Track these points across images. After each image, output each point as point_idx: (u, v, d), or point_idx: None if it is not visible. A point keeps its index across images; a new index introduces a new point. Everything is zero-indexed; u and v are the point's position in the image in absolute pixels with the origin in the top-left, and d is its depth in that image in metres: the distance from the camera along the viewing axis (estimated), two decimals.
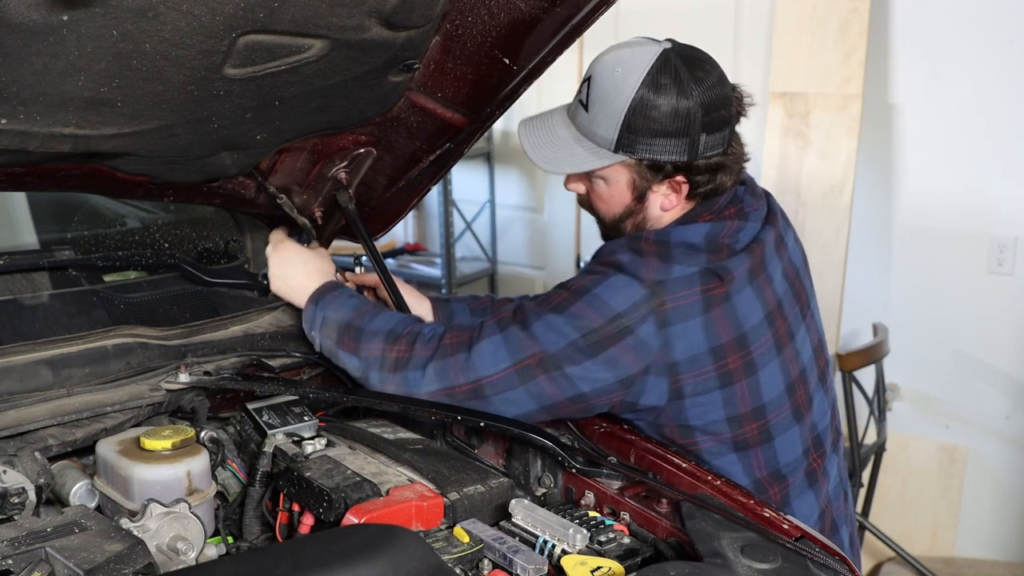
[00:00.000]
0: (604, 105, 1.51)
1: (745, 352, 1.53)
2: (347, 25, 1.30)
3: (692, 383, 1.51)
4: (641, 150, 1.52)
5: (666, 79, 1.48)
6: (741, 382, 1.53)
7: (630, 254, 1.53)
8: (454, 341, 1.53)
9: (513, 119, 4.79)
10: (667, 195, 1.59)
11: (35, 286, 1.72)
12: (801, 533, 1.29)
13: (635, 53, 1.51)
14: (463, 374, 1.51)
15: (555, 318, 1.49)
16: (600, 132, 1.53)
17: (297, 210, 1.89)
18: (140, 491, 1.33)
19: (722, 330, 1.50)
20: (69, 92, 1.21)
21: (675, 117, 1.49)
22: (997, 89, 3.20)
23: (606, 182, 1.61)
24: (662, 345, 1.48)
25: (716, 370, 1.51)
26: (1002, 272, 3.28)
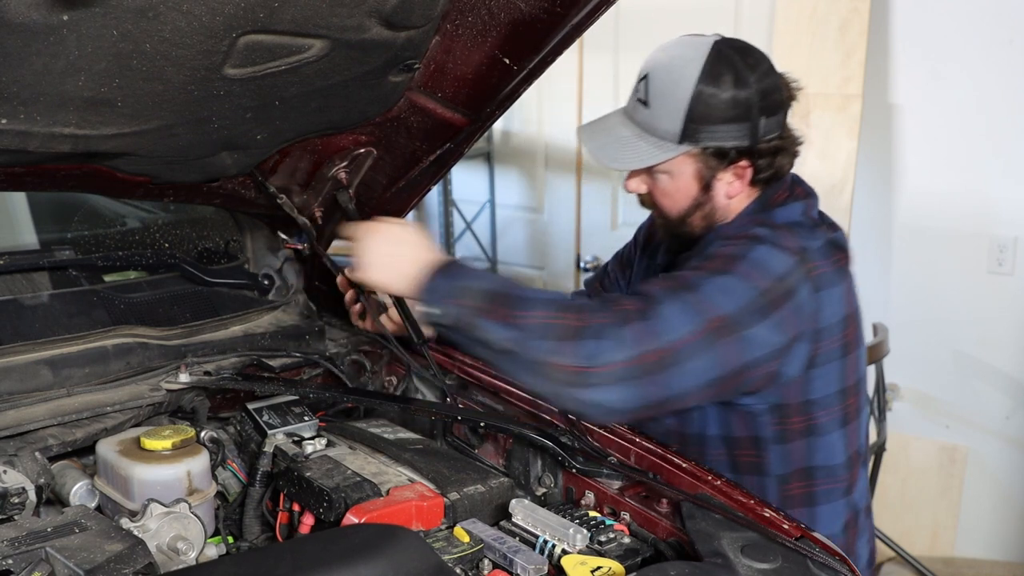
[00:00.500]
0: (665, 99, 1.57)
1: (856, 325, 1.63)
2: (347, 25, 1.30)
3: (824, 352, 1.56)
4: (705, 138, 1.57)
5: (723, 68, 1.54)
6: (852, 354, 1.61)
7: (762, 228, 1.57)
8: (634, 307, 1.42)
9: (513, 119, 4.81)
10: (731, 182, 1.64)
11: (35, 286, 1.72)
12: (801, 533, 1.29)
13: (688, 48, 1.58)
14: (652, 340, 1.38)
15: (725, 280, 1.46)
16: (663, 126, 1.58)
17: (297, 210, 1.89)
18: (140, 491, 1.33)
19: (848, 301, 1.60)
20: (69, 92, 1.21)
21: (735, 103, 1.55)
22: (997, 89, 3.20)
23: (671, 176, 1.64)
24: (814, 310, 1.52)
25: (842, 339, 1.58)
26: (1002, 272, 3.28)
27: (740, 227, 1.62)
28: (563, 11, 1.43)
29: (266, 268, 2.03)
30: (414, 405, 1.72)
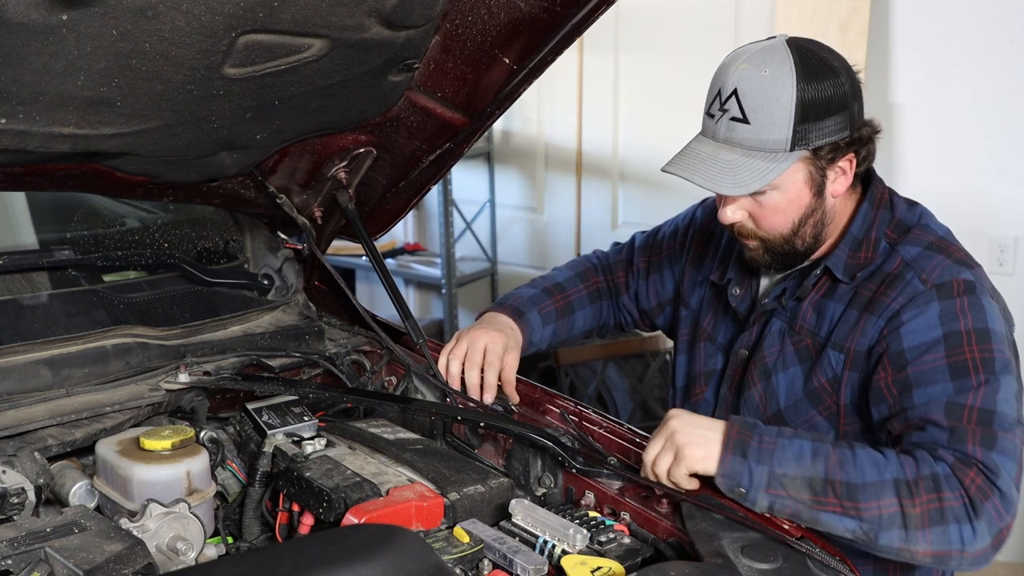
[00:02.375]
0: (768, 109, 1.49)
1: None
2: (347, 25, 1.30)
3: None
4: (815, 137, 1.51)
5: (813, 64, 1.50)
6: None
7: (966, 270, 1.54)
8: (978, 483, 1.38)
9: (513, 118, 4.81)
10: (837, 180, 1.58)
11: (35, 286, 1.72)
12: (801, 533, 1.29)
13: (767, 55, 1.51)
14: (1007, 514, 1.41)
15: (1003, 383, 1.45)
16: (772, 136, 1.50)
17: (297, 210, 1.89)
18: (140, 491, 1.33)
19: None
20: (69, 92, 1.21)
21: (835, 95, 1.51)
22: (997, 89, 3.20)
23: (781, 191, 1.56)
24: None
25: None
26: (1002, 272, 3.28)
27: (940, 263, 1.54)
28: (563, 11, 1.43)
29: (266, 268, 2.03)
30: (414, 405, 1.72)
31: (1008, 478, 1.39)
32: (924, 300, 1.50)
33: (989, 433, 1.41)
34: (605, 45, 4.08)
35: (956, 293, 1.50)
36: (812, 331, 1.63)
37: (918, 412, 1.46)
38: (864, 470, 1.38)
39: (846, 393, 1.57)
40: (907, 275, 1.54)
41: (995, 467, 1.38)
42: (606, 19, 1.53)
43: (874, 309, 1.55)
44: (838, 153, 1.55)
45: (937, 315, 1.49)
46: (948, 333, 1.47)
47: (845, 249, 1.61)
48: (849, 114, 1.52)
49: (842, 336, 1.57)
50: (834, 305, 1.61)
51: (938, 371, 1.46)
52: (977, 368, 1.44)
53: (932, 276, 1.52)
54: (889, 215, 1.63)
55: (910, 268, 1.54)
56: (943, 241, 1.60)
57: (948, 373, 1.45)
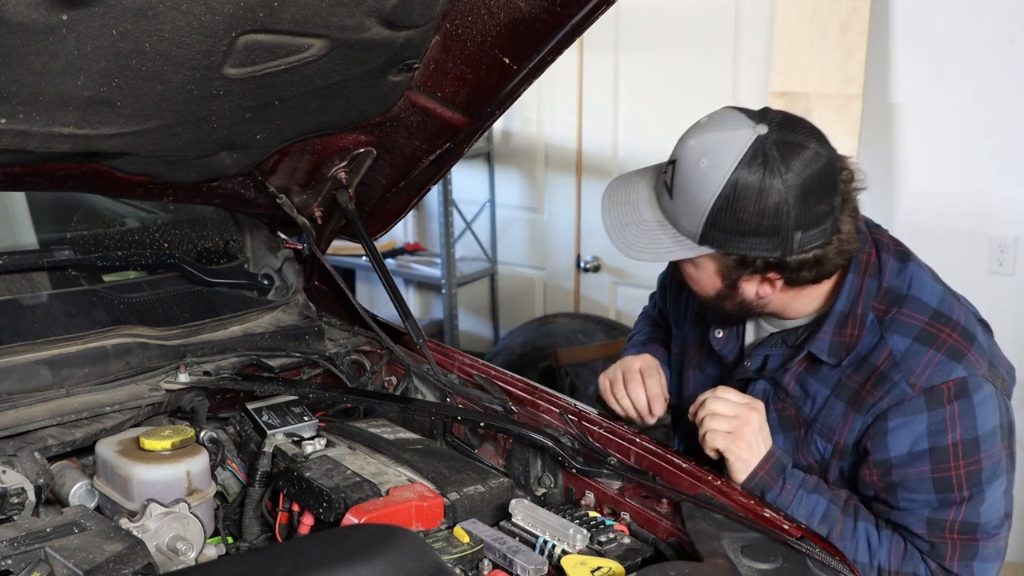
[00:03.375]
0: (688, 198, 1.41)
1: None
2: (347, 24, 1.30)
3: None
4: (727, 246, 1.42)
5: (755, 176, 1.35)
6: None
7: (959, 366, 1.44)
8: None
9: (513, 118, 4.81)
10: (760, 286, 1.49)
11: (34, 286, 1.72)
12: (801, 533, 1.29)
13: (724, 141, 1.38)
14: None
15: (988, 492, 1.45)
16: (684, 223, 1.43)
17: (297, 210, 1.89)
18: (140, 491, 1.33)
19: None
20: (68, 92, 1.21)
21: (764, 216, 1.37)
22: (997, 89, 3.20)
23: (694, 266, 1.51)
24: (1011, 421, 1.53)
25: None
26: (1002, 272, 3.28)
27: (932, 358, 1.44)
28: (563, 11, 1.43)
29: (266, 268, 2.03)
30: (414, 405, 1.72)
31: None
32: (912, 409, 1.44)
33: (970, 545, 1.44)
34: (605, 45, 4.08)
35: (946, 400, 1.42)
36: (796, 404, 1.57)
37: (901, 516, 1.48)
38: (859, 547, 1.47)
39: (833, 473, 1.56)
40: (895, 376, 1.45)
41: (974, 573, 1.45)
42: (606, 19, 1.53)
43: (860, 407, 1.49)
44: (753, 268, 1.44)
45: (925, 428, 1.43)
46: (934, 447, 1.43)
47: (830, 328, 1.50)
48: (781, 240, 1.38)
49: (829, 426, 1.53)
50: (817, 386, 1.55)
51: (923, 482, 1.44)
52: (962, 484, 1.43)
53: (921, 379, 1.43)
54: (877, 284, 1.51)
55: (898, 368, 1.45)
56: (935, 322, 1.47)
57: (932, 486, 1.44)
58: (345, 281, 1.92)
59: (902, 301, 1.49)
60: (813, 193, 1.37)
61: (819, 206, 1.39)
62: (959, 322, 1.49)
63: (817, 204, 1.38)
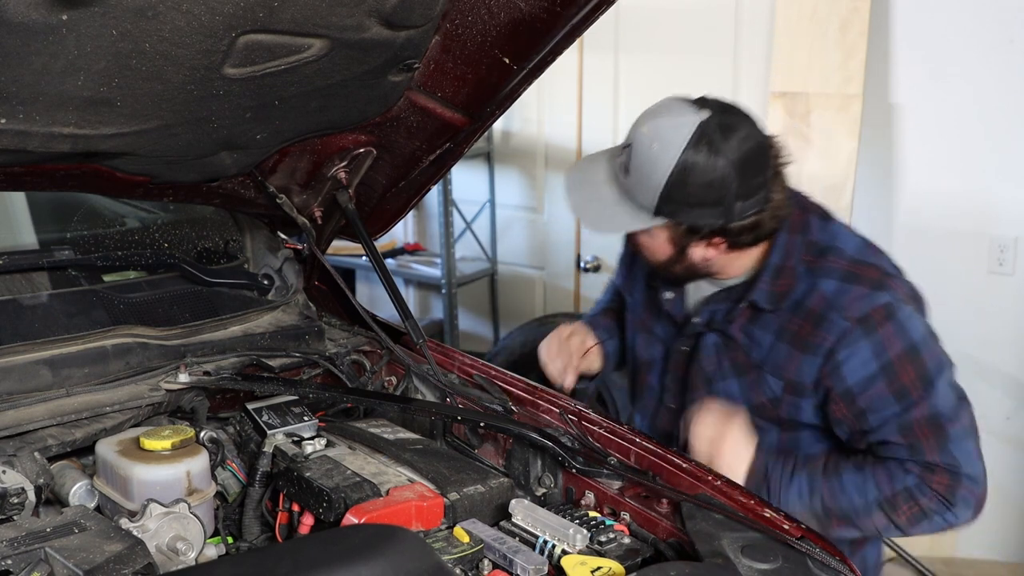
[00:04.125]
0: (642, 176, 1.60)
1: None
2: (347, 24, 1.30)
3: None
4: (679, 216, 1.62)
5: (700, 155, 1.55)
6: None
7: (882, 293, 1.64)
8: (944, 483, 1.61)
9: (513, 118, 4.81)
10: (706, 250, 1.69)
11: (35, 286, 1.72)
12: (802, 533, 1.29)
13: (672, 126, 1.58)
14: (978, 487, 1.63)
15: (939, 389, 1.63)
16: (639, 198, 1.63)
17: (297, 210, 1.89)
18: (140, 491, 1.33)
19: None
20: (68, 92, 1.21)
21: (710, 189, 1.57)
22: (997, 89, 3.20)
23: (649, 236, 1.71)
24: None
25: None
26: (1002, 272, 3.28)
27: (859, 295, 1.64)
28: (563, 11, 1.43)
29: (266, 268, 2.03)
30: (414, 405, 1.72)
31: (968, 460, 1.61)
32: (853, 339, 1.63)
33: (940, 434, 1.61)
34: (605, 45, 4.08)
35: (878, 323, 1.62)
36: (746, 350, 1.76)
37: (877, 435, 1.65)
38: (852, 497, 1.63)
39: (785, 410, 1.74)
40: (830, 315, 1.65)
41: (954, 461, 1.60)
42: (606, 19, 1.53)
43: (806, 348, 1.68)
44: (701, 235, 1.65)
45: (869, 352, 1.62)
46: (883, 365, 1.62)
47: (767, 280, 1.71)
48: (724, 208, 1.59)
49: (777, 366, 1.71)
50: (761, 333, 1.74)
51: (884, 398, 1.63)
52: (915, 384, 1.61)
53: (853, 311, 1.63)
54: (803, 239, 1.71)
55: (832, 307, 1.65)
56: (856, 264, 1.68)
57: (892, 398, 1.62)
58: (345, 281, 1.92)
59: (827, 251, 1.70)
60: (750, 167, 1.59)
61: (755, 178, 1.61)
62: (878, 264, 1.71)
63: (754, 177, 1.60)
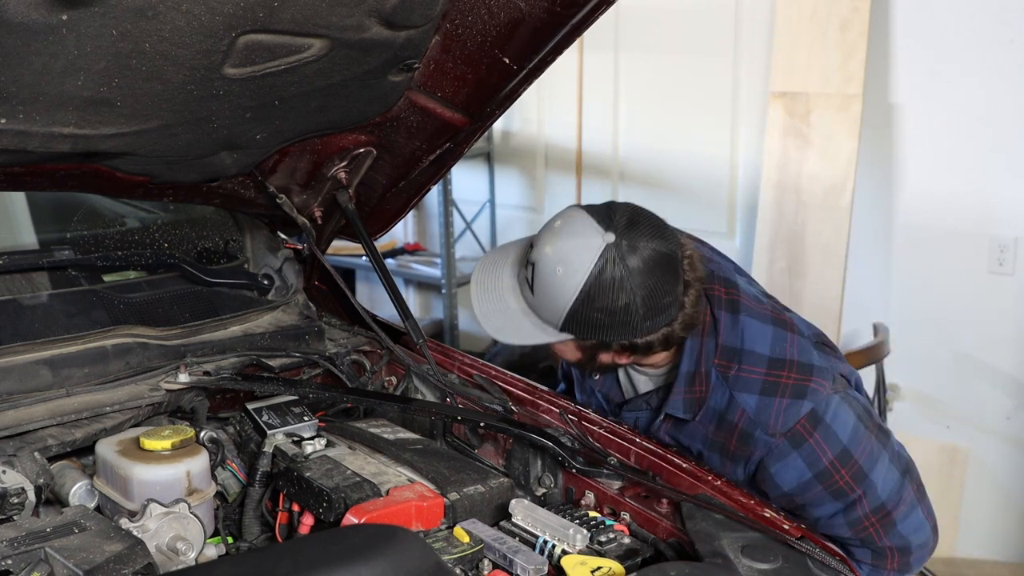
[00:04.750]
0: (547, 299, 1.56)
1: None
2: (347, 24, 1.30)
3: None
4: (585, 335, 1.58)
5: (605, 282, 1.51)
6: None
7: (804, 401, 1.59)
8: (897, 562, 1.65)
9: (513, 118, 4.81)
10: (616, 357, 1.64)
11: (35, 286, 1.72)
12: (802, 533, 1.29)
13: (576, 249, 1.52)
14: (930, 546, 1.69)
15: (873, 475, 1.61)
16: (545, 315, 1.59)
17: (297, 210, 1.89)
18: (140, 491, 1.33)
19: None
20: (68, 92, 1.21)
21: (615, 315, 1.53)
22: (998, 89, 3.20)
23: (560, 341, 1.65)
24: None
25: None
26: (1002, 272, 3.28)
27: (756, 399, 1.61)
28: (563, 11, 1.43)
29: (266, 268, 2.02)
30: (414, 405, 1.72)
31: (918, 532, 1.64)
32: (782, 452, 1.59)
33: (887, 521, 1.61)
34: (605, 45, 4.08)
35: (806, 434, 1.58)
36: (680, 451, 1.68)
37: (824, 528, 1.62)
38: None
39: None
40: (755, 432, 1.59)
41: (905, 541, 1.63)
42: (606, 19, 1.53)
43: (736, 458, 1.64)
44: (609, 349, 1.61)
45: (802, 463, 1.58)
46: (816, 473, 1.58)
47: (681, 388, 1.65)
48: (630, 329, 1.55)
49: (713, 467, 1.62)
50: (689, 439, 1.69)
51: (823, 498, 1.60)
52: (852, 485, 1.59)
53: (779, 427, 1.58)
54: (714, 342, 1.64)
55: (755, 424, 1.59)
56: (772, 368, 1.62)
57: (831, 498, 1.60)
58: (345, 281, 1.92)
59: (740, 355, 1.64)
60: (657, 290, 1.53)
61: (664, 299, 1.55)
62: (794, 359, 1.63)
63: (662, 298, 1.54)
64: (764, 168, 3.59)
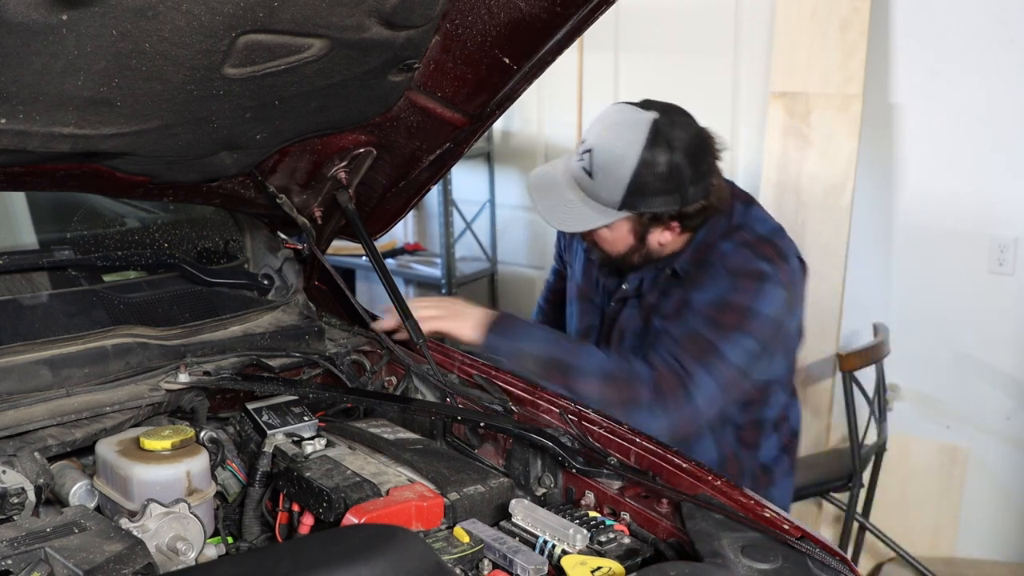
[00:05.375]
0: (608, 175, 1.83)
1: (803, 316, 2.02)
2: (347, 24, 1.30)
3: (793, 348, 1.99)
4: (641, 207, 1.85)
5: (658, 150, 1.80)
6: (799, 342, 2.02)
7: (764, 263, 1.87)
8: (671, 386, 1.79)
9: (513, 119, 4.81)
10: (663, 234, 1.94)
11: (34, 286, 1.72)
12: (802, 533, 1.29)
13: (628, 128, 1.81)
14: (690, 418, 1.81)
15: (739, 337, 1.82)
16: (605, 195, 1.86)
17: (297, 210, 1.89)
18: (140, 491, 1.33)
19: (804, 304, 1.99)
20: (68, 92, 1.21)
21: (669, 179, 1.82)
22: (998, 89, 3.20)
23: (610, 230, 1.94)
24: (795, 328, 1.95)
25: (798, 335, 2.00)
26: (1002, 272, 3.28)
27: (746, 256, 1.87)
28: (563, 11, 1.43)
29: (266, 268, 2.02)
30: (414, 405, 1.72)
31: (703, 395, 1.78)
32: (718, 278, 1.88)
33: (705, 352, 1.80)
34: (605, 45, 4.08)
35: (744, 277, 1.85)
36: (653, 310, 2.00)
37: (669, 323, 1.88)
38: (581, 357, 1.81)
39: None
40: (717, 264, 1.90)
41: (694, 376, 1.78)
42: (606, 19, 1.53)
43: (687, 286, 1.94)
44: (661, 222, 1.90)
45: (724, 287, 1.86)
46: (725, 299, 1.84)
47: (690, 251, 1.96)
48: (680, 194, 1.84)
49: (667, 312, 1.94)
50: (673, 293, 1.98)
51: (701, 316, 1.84)
52: (727, 326, 1.82)
53: (732, 265, 1.87)
54: (727, 221, 1.94)
55: (721, 259, 1.89)
56: (760, 240, 1.90)
57: (706, 320, 1.84)
58: (345, 281, 1.92)
59: (741, 227, 1.94)
60: (698, 156, 1.85)
61: (703, 166, 1.87)
62: (782, 248, 1.91)
63: (701, 164, 1.86)
64: (764, 168, 3.60)
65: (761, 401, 2.03)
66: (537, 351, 1.82)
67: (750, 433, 2.05)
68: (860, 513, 3.26)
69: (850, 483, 3.13)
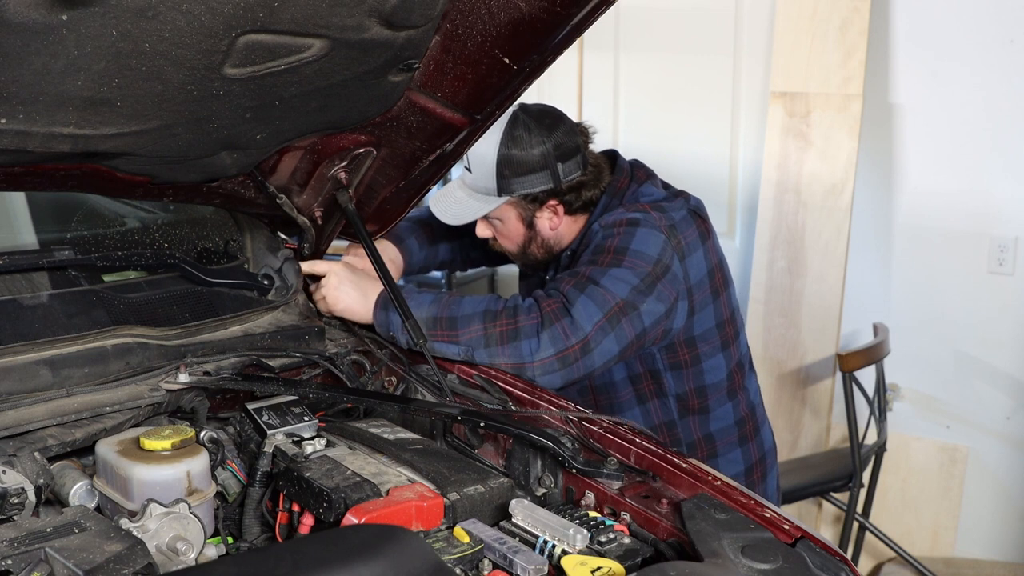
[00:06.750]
0: (480, 165, 1.97)
1: (721, 272, 2.06)
2: (347, 24, 1.30)
3: (699, 301, 1.97)
4: (516, 189, 1.98)
5: (519, 132, 1.94)
6: (722, 295, 2.04)
7: (636, 213, 1.94)
8: (552, 308, 1.78)
9: None
10: (550, 218, 2.06)
11: (34, 286, 1.72)
12: (802, 533, 1.29)
13: (497, 124, 1.86)
14: (573, 335, 1.76)
15: (616, 271, 1.84)
16: (483, 184, 2.00)
17: (297, 210, 1.89)
18: (140, 491, 1.33)
19: (711, 256, 2.01)
20: (68, 92, 1.21)
21: (533, 157, 1.95)
22: (998, 89, 3.20)
23: (502, 221, 2.08)
24: (684, 274, 1.94)
25: (710, 288, 2.01)
26: (1002, 272, 3.28)
27: (621, 213, 1.95)
28: (563, 11, 1.43)
29: (266, 268, 2.03)
30: (414, 405, 1.72)
31: (583, 312, 1.77)
32: (594, 236, 1.95)
33: (584, 283, 1.83)
34: (605, 45, 4.08)
35: (617, 225, 1.92)
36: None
37: (570, 270, 1.92)
38: (464, 307, 1.81)
39: None
40: (596, 229, 1.97)
41: (575, 300, 1.79)
42: (606, 19, 1.53)
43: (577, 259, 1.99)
44: (541, 202, 2.02)
45: (599, 238, 1.93)
46: (599, 245, 1.91)
47: (581, 234, 2.06)
48: (551, 172, 1.96)
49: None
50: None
51: (582, 265, 1.89)
52: (603, 263, 1.86)
53: (606, 222, 1.95)
54: (618, 202, 2.03)
55: (599, 224, 1.97)
56: (639, 205, 1.98)
57: (585, 265, 1.89)
58: None
59: (631, 200, 2.02)
60: (560, 135, 1.97)
61: (567, 143, 1.98)
62: (662, 206, 1.98)
63: (566, 142, 1.97)
64: (764, 168, 3.60)
65: (693, 363, 2.04)
66: (424, 314, 1.81)
67: (694, 401, 2.08)
68: (860, 513, 3.26)
69: (850, 483, 3.13)
